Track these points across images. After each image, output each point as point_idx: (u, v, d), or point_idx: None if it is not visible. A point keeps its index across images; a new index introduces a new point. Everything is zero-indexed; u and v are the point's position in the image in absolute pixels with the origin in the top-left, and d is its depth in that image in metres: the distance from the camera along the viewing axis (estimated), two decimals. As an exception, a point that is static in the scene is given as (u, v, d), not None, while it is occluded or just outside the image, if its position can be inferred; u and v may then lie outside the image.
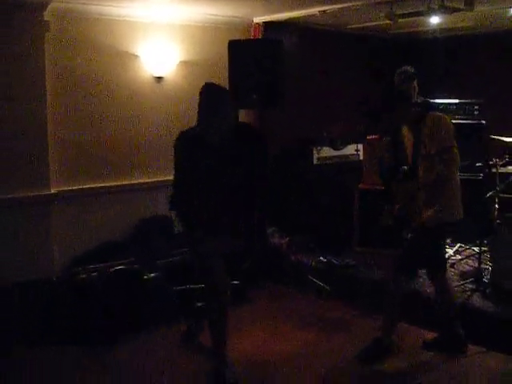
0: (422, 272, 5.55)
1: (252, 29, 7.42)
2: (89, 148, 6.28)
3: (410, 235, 4.92)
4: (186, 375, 4.76)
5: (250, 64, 6.26)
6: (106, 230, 6.37)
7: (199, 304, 5.22)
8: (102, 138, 6.36)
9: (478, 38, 8.20)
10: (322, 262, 6.72)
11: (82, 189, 6.26)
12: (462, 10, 5.78)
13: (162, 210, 6.56)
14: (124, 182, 6.53)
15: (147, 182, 6.70)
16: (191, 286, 5.77)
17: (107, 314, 5.33)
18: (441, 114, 4.74)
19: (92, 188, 6.30)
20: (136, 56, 6.54)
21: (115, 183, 6.46)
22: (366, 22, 7.53)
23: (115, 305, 5.41)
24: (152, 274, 5.74)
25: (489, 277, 5.80)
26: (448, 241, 6.49)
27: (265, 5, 6.40)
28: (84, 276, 5.63)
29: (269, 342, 5.31)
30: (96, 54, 6.27)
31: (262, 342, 5.30)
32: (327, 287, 6.30)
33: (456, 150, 4.57)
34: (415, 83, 5.85)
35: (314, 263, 6.74)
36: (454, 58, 7.89)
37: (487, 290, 5.65)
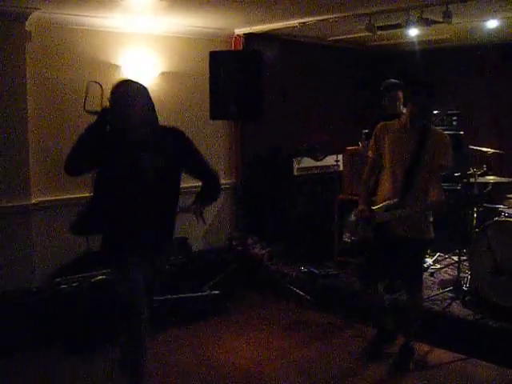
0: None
1: (233, 40, 7.47)
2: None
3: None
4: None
5: (231, 75, 6.31)
6: (86, 240, 6.33)
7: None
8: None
9: (455, 51, 8.30)
10: (303, 271, 6.73)
11: (63, 199, 6.23)
12: (441, 22, 5.86)
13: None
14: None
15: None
16: (172, 296, 5.78)
17: (88, 324, 5.30)
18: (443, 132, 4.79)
19: (73, 198, 6.24)
20: (117, 66, 6.54)
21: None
22: (346, 33, 7.61)
23: (96, 315, 5.38)
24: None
25: (468, 285, 5.86)
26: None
27: (246, 16, 6.45)
28: (65, 286, 5.59)
29: (248, 351, 5.31)
30: (77, 64, 6.27)
31: (242, 351, 5.30)
32: (308, 297, 6.32)
33: None
34: (399, 95, 5.93)
35: (294, 273, 6.74)
36: (433, 69, 7.97)
37: (466, 298, 5.71)
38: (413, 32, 6.54)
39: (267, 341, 5.52)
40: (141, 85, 4.01)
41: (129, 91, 3.92)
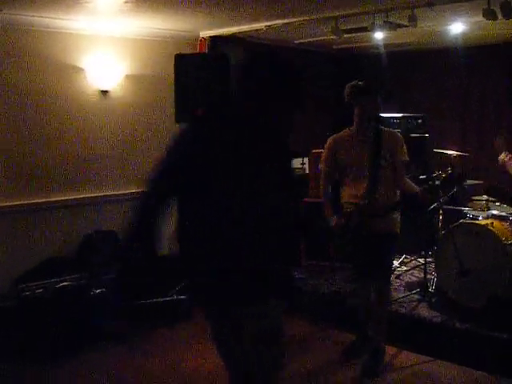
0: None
1: (198, 43, 7.42)
2: (33, 162, 6.15)
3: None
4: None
5: (196, 78, 6.27)
6: (51, 245, 6.24)
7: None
8: (47, 152, 6.24)
9: (422, 54, 8.37)
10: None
11: (26, 204, 6.11)
12: (406, 26, 5.89)
13: (107, 225, 6.49)
14: (69, 197, 6.39)
15: (93, 197, 6.58)
16: (139, 301, 5.73)
17: (52, 330, 5.23)
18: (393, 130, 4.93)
19: (36, 203, 6.15)
20: (81, 69, 6.44)
21: (60, 198, 6.32)
22: (312, 36, 7.62)
23: (61, 321, 5.31)
24: (98, 290, 5.65)
25: (434, 287, 5.90)
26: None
27: (211, 19, 6.41)
28: (29, 293, 5.49)
29: (216, 356, 5.25)
30: (41, 66, 6.16)
31: (210, 356, 5.22)
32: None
33: None
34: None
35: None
36: (398, 72, 8.02)
37: (433, 300, 5.75)
38: (379, 35, 6.57)
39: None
40: None
41: None
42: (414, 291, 6.00)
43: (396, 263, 6.74)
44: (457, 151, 6.68)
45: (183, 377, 4.88)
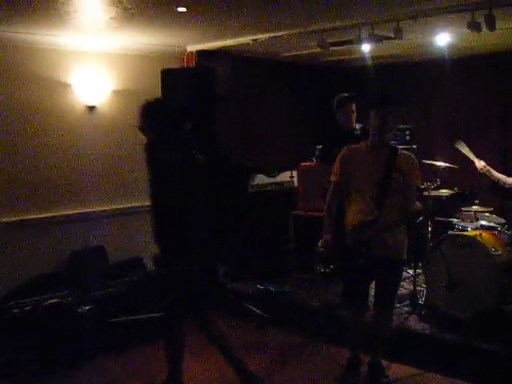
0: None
1: (185, 57, 7.43)
2: (20, 179, 6.15)
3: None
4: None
5: (183, 92, 6.27)
6: (40, 262, 6.22)
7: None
8: (32, 168, 6.23)
9: (409, 66, 8.40)
10: (259, 289, 6.67)
11: (14, 221, 6.10)
12: (392, 38, 5.91)
13: (94, 242, 6.47)
14: (55, 214, 6.38)
15: (79, 213, 6.57)
16: (127, 318, 5.69)
17: (40, 348, 5.19)
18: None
19: (24, 220, 6.14)
20: (68, 85, 6.45)
21: (46, 215, 6.31)
22: (299, 50, 7.63)
23: (49, 339, 5.27)
24: (86, 307, 5.61)
25: (424, 299, 5.89)
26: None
27: (198, 34, 6.42)
28: (16, 311, 5.46)
29: (205, 373, 5.25)
30: (27, 82, 6.17)
31: (198, 373, 5.23)
32: (265, 315, 6.27)
33: None
34: (353, 107, 5.96)
35: (250, 291, 6.68)
36: (385, 84, 8.04)
37: (423, 312, 5.74)
38: (365, 48, 6.58)
39: (224, 361, 5.44)
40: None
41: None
42: (404, 303, 5.98)
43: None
44: (446, 162, 6.69)
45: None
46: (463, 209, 6.46)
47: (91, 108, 6.61)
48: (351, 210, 4.68)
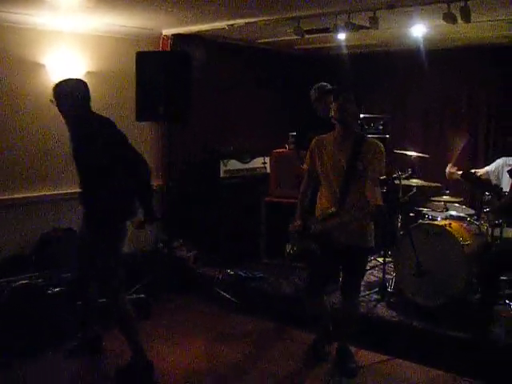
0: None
1: (161, 41, 7.38)
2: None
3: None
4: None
5: (158, 76, 6.24)
6: (9, 244, 6.16)
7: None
8: (4, 148, 6.16)
9: (383, 56, 8.43)
10: (229, 274, 6.69)
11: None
12: (368, 27, 5.93)
13: (65, 223, 6.42)
14: (26, 195, 6.31)
15: (50, 195, 6.52)
16: (97, 300, 5.66)
17: (9, 331, 5.14)
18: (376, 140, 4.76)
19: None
20: (42, 65, 6.36)
21: (17, 196, 6.24)
22: (275, 36, 7.62)
23: (18, 321, 5.22)
24: (56, 289, 5.57)
25: (392, 287, 5.96)
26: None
27: (174, 17, 6.37)
28: (-15, 292, 5.41)
29: (175, 356, 5.25)
30: (0, 61, 6.08)
31: (169, 356, 5.24)
32: (235, 300, 6.29)
33: None
34: (331, 99, 5.98)
35: (221, 276, 6.68)
36: (360, 74, 8.07)
37: (391, 300, 5.81)
38: (341, 36, 6.59)
39: (194, 345, 5.47)
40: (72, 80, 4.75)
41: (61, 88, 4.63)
42: (373, 291, 6.05)
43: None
44: (417, 152, 6.76)
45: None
46: (433, 198, 6.55)
47: (65, 89, 6.53)
48: (319, 199, 4.78)
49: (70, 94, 4.60)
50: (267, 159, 7.61)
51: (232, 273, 6.68)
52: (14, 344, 5.11)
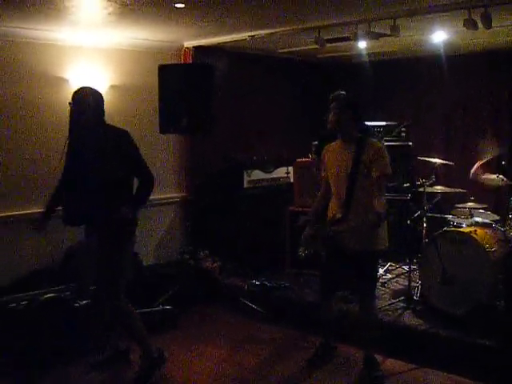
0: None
1: (182, 53, 7.44)
2: (19, 174, 6.17)
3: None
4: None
5: (180, 88, 6.28)
6: (37, 257, 6.23)
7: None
8: (30, 163, 6.24)
9: (404, 63, 8.41)
10: (255, 284, 6.68)
11: (11, 215, 6.12)
12: (388, 35, 5.93)
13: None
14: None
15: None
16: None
17: (38, 343, 5.19)
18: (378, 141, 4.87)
19: (21, 214, 6.14)
20: (65, 80, 6.44)
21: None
22: (295, 46, 7.65)
23: (46, 334, 5.27)
24: (83, 302, 5.62)
25: (418, 295, 5.93)
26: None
27: (195, 30, 6.43)
28: (13, 305, 5.46)
29: (200, 366, 5.26)
30: (25, 77, 6.17)
31: (194, 366, 5.25)
32: (260, 310, 6.30)
33: None
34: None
35: (246, 286, 6.69)
36: (381, 81, 8.07)
37: (417, 308, 5.78)
38: (362, 45, 6.61)
39: (219, 355, 5.48)
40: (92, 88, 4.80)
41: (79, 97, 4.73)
42: (399, 299, 6.02)
43: (381, 271, 6.75)
44: (442, 159, 6.72)
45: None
46: (458, 205, 6.51)
47: (89, 103, 6.60)
48: (330, 204, 4.90)
49: (91, 96, 4.69)
50: (290, 169, 7.62)
51: (257, 283, 6.68)
52: (39, 357, 5.16)
